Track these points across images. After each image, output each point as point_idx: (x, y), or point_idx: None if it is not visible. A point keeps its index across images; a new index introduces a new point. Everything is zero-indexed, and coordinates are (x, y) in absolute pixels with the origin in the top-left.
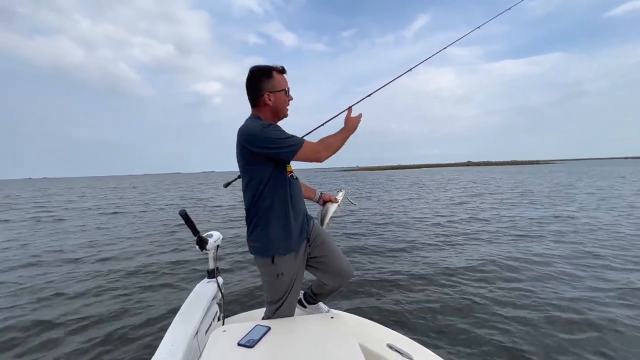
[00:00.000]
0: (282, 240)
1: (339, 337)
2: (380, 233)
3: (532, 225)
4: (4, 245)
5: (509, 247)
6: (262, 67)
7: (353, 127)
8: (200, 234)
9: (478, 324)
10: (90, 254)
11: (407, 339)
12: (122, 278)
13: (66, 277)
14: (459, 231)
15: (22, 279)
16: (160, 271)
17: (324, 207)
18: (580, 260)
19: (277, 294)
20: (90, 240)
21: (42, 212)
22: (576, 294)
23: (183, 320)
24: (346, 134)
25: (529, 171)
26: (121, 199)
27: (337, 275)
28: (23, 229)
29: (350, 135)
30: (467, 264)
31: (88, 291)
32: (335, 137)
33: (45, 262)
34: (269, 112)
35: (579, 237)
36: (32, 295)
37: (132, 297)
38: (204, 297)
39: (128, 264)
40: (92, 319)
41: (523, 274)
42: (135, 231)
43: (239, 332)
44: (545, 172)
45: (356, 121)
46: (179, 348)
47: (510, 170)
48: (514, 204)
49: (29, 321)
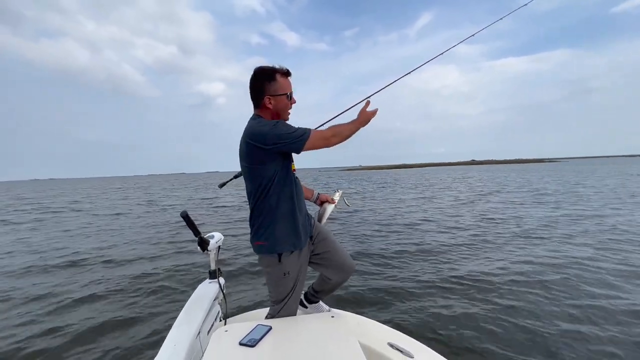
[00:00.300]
0: (289, 237)
1: (339, 336)
2: (385, 233)
3: (543, 225)
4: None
5: (517, 249)
6: (266, 69)
7: (365, 120)
8: (202, 234)
9: (482, 325)
10: (93, 255)
11: (408, 338)
12: (124, 279)
13: (69, 277)
14: (469, 234)
15: (31, 281)
16: (162, 272)
17: (322, 207)
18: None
19: (282, 293)
20: (95, 241)
21: (47, 213)
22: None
23: (185, 320)
24: (357, 126)
25: (535, 169)
26: (125, 199)
27: (340, 269)
28: (29, 231)
29: (361, 127)
30: (474, 267)
31: (90, 292)
32: (346, 125)
33: (49, 262)
34: (269, 115)
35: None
36: (40, 295)
37: (134, 298)
38: (206, 297)
39: (130, 264)
40: (93, 319)
41: (534, 277)
42: (138, 232)
43: (241, 332)
44: (550, 169)
45: (370, 115)
46: (182, 348)
47: (515, 168)
48: (525, 204)
49: (34, 321)
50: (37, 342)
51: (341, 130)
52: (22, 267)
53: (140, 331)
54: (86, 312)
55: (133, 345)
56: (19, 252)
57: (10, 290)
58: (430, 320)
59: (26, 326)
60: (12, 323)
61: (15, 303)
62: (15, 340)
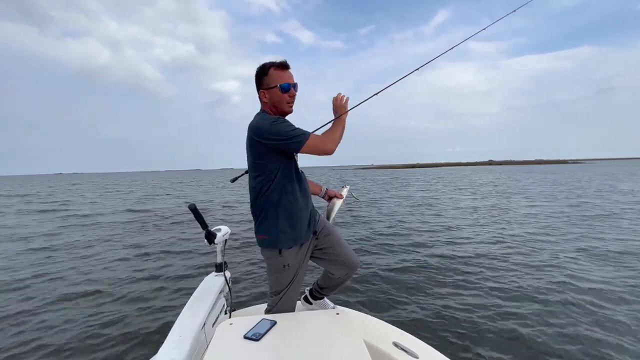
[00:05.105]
0: (290, 232)
1: (344, 333)
2: (397, 231)
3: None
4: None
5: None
6: (262, 65)
7: (339, 107)
8: (209, 228)
9: (492, 330)
10: (105, 248)
11: (413, 338)
12: (130, 270)
13: (77, 266)
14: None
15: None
16: (169, 264)
17: (330, 202)
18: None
19: (281, 284)
20: (107, 234)
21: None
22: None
23: (191, 312)
24: (339, 120)
25: (559, 170)
26: (149, 194)
27: (344, 265)
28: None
29: (343, 116)
30: (485, 267)
31: (98, 282)
32: (334, 129)
33: (59, 252)
34: (268, 109)
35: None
36: (49, 281)
37: (141, 290)
38: (212, 290)
39: (139, 257)
40: (100, 308)
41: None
42: (147, 227)
43: (245, 326)
44: (577, 171)
45: (344, 109)
46: (187, 339)
47: (543, 170)
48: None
49: (42, 309)
50: (42, 336)
51: (334, 136)
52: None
53: (146, 322)
54: (90, 301)
55: (139, 335)
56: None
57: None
58: (437, 321)
59: (29, 317)
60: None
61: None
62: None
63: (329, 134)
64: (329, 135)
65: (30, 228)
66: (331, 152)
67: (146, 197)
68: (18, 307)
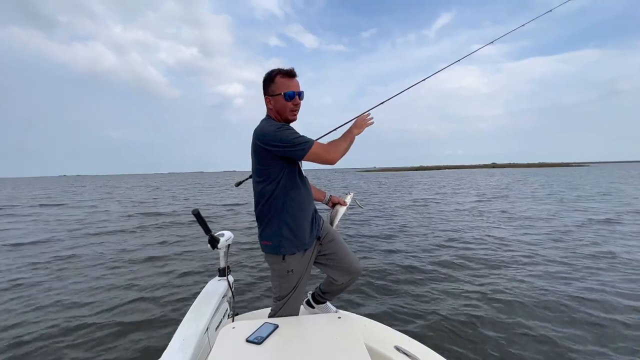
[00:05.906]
0: (293, 239)
1: (346, 337)
2: (399, 235)
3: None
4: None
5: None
6: (270, 72)
7: (360, 125)
8: (212, 232)
9: (495, 335)
10: (106, 250)
11: (416, 342)
12: (135, 274)
13: (79, 268)
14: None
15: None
16: (172, 269)
17: (333, 209)
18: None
19: (285, 289)
20: (108, 237)
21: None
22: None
23: (194, 316)
24: (351, 134)
25: (566, 173)
26: (156, 198)
27: (346, 271)
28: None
29: (356, 134)
30: (488, 272)
31: (99, 286)
32: (342, 140)
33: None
34: (273, 115)
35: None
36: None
37: (145, 293)
38: (215, 294)
39: (142, 261)
40: (102, 313)
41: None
42: (147, 229)
43: (248, 329)
44: (582, 174)
45: (365, 123)
46: (190, 343)
47: (548, 173)
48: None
49: (41, 312)
50: (45, 336)
51: (339, 144)
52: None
53: (149, 326)
54: (94, 305)
55: (142, 339)
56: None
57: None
58: (440, 325)
59: (28, 313)
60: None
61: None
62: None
63: (335, 144)
64: (335, 146)
65: (22, 231)
66: (334, 162)
67: (148, 200)
68: (13, 312)
